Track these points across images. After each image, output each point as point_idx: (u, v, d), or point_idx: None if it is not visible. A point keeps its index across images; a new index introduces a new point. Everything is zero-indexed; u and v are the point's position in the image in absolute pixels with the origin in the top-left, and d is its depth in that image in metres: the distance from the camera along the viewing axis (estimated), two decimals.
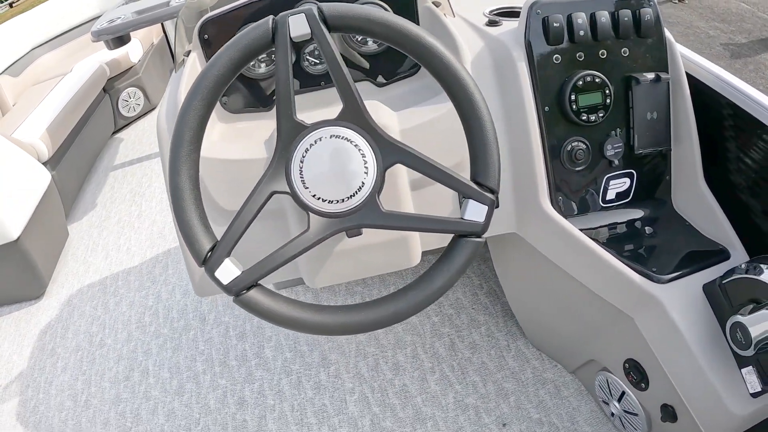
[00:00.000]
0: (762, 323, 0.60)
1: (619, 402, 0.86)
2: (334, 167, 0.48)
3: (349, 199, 0.48)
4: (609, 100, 0.73)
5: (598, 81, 0.72)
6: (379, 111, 0.66)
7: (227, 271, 0.49)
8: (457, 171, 0.50)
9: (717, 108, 0.77)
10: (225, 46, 0.49)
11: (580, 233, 0.72)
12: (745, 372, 0.65)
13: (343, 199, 0.48)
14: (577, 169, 0.75)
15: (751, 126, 0.72)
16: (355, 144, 0.48)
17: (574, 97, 0.72)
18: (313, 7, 0.47)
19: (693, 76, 0.78)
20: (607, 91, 0.73)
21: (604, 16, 0.72)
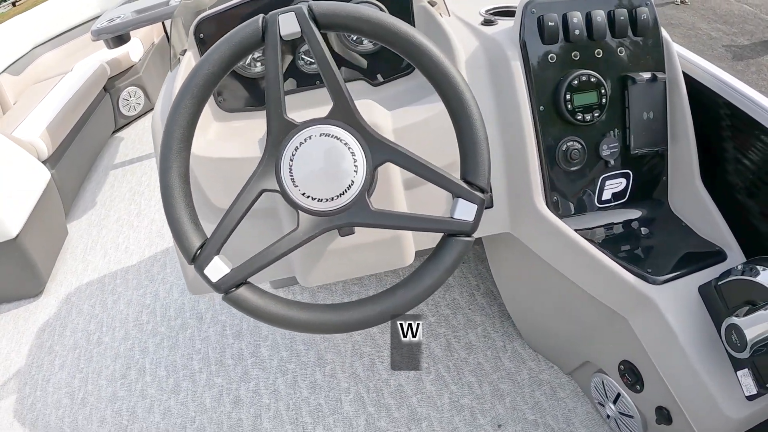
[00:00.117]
0: (757, 325, 0.60)
1: (615, 404, 0.86)
2: (323, 165, 0.48)
3: (338, 197, 0.48)
4: (605, 100, 0.73)
5: (593, 80, 0.72)
6: (372, 110, 0.65)
7: (216, 269, 0.49)
8: (450, 170, 0.50)
9: (714, 108, 0.76)
10: (215, 44, 0.49)
11: (575, 233, 0.72)
12: (740, 374, 0.64)
13: (333, 198, 0.48)
14: (573, 169, 0.75)
15: (749, 126, 0.72)
16: (344, 142, 0.48)
17: (570, 97, 0.71)
18: (303, 5, 0.47)
19: (690, 76, 0.78)
20: (603, 90, 0.72)
21: (599, 15, 0.71)
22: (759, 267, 0.63)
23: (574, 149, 0.73)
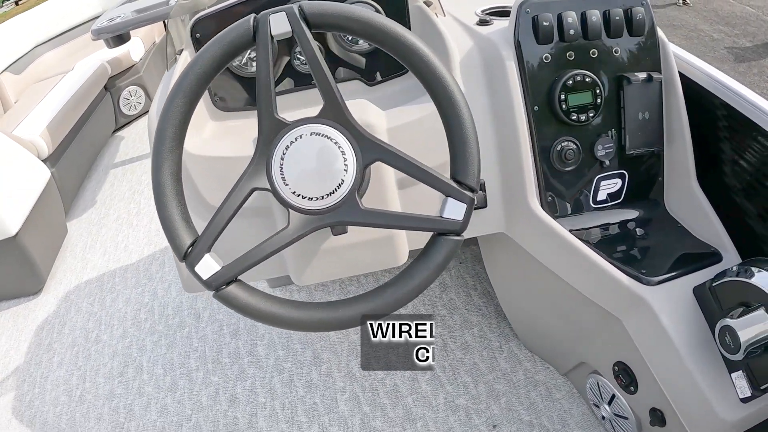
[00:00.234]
0: (751, 327, 0.59)
1: (610, 405, 0.85)
2: (314, 164, 0.48)
3: (328, 196, 0.48)
4: (600, 100, 0.73)
5: (588, 80, 0.71)
6: (366, 110, 0.66)
7: (207, 266, 0.49)
8: (443, 169, 0.50)
9: (710, 108, 0.76)
10: (207, 44, 0.49)
11: (568, 234, 0.72)
12: (734, 376, 0.64)
13: (323, 196, 0.48)
14: (567, 169, 0.74)
15: (745, 127, 0.72)
16: (335, 141, 0.48)
17: (564, 97, 0.71)
18: (294, 5, 0.47)
19: (686, 76, 0.78)
20: (598, 90, 0.72)
21: (594, 15, 0.71)
22: (753, 268, 0.63)
23: (568, 149, 0.73)
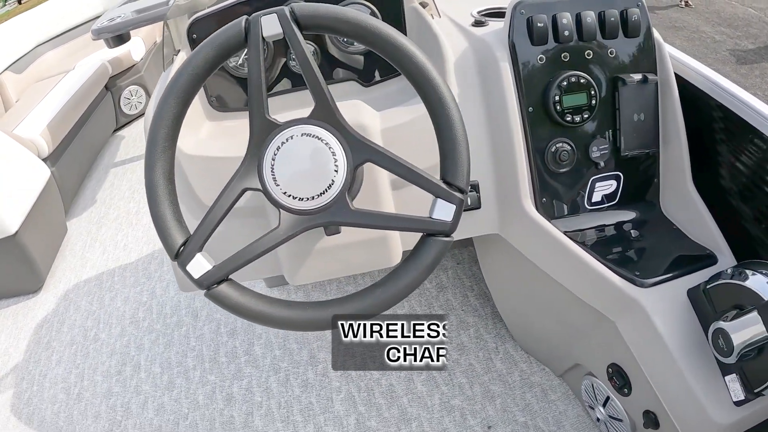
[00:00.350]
0: (744, 330, 0.59)
1: (604, 407, 0.85)
2: (304, 165, 0.49)
3: (319, 196, 0.48)
4: (595, 101, 0.72)
5: (583, 81, 0.71)
6: (360, 111, 0.66)
7: (198, 266, 0.50)
8: (436, 171, 0.50)
9: (706, 110, 0.76)
10: (200, 45, 0.50)
11: (562, 235, 0.72)
12: (728, 380, 0.64)
13: (313, 197, 0.49)
14: (562, 170, 0.74)
15: (741, 129, 0.71)
16: (325, 142, 0.48)
17: (559, 98, 0.71)
18: (286, 7, 0.47)
19: (683, 78, 0.78)
20: (593, 91, 0.72)
21: (589, 16, 0.71)
22: (748, 271, 0.63)
23: (563, 150, 0.73)
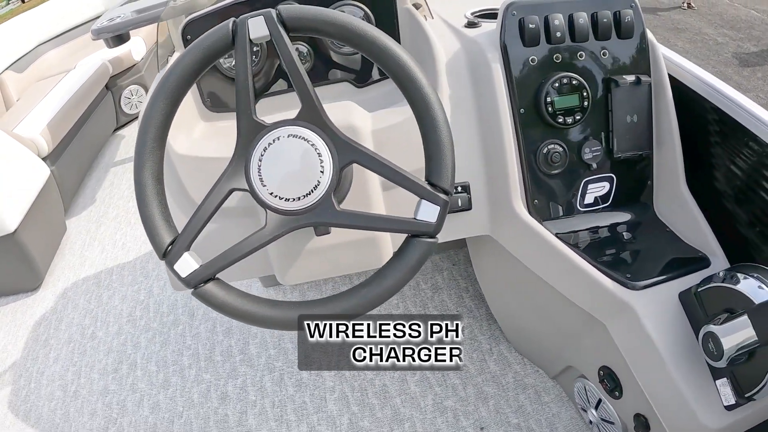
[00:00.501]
0: (734, 334, 0.58)
1: (596, 410, 0.85)
2: (290, 166, 0.49)
3: (305, 197, 0.49)
4: (587, 103, 0.72)
5: (575, 83, 0.71)
6: (352, 112, 0.66)
7: (186, 265, 0.50)
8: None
9: (701, 112, 0.76)
10: (188, 47, 0.50)
11: (553, 237, 0.72)
12: (719, 384, 0.63)
13: (299, 197, 0.49)
14: (554, 172, 0.74)
15: (736, 131, 0.71)
16: (311, 143, 0.48)
17: (550, 99, 0.71)
18: (272, 9, 0.48)
19: (677, 80, 0.77)
20: (585, 93, 0.72)
21: (582, 17, 0.71)
22: (740, 275, 0.62)
23: (555, 152, 0.73)
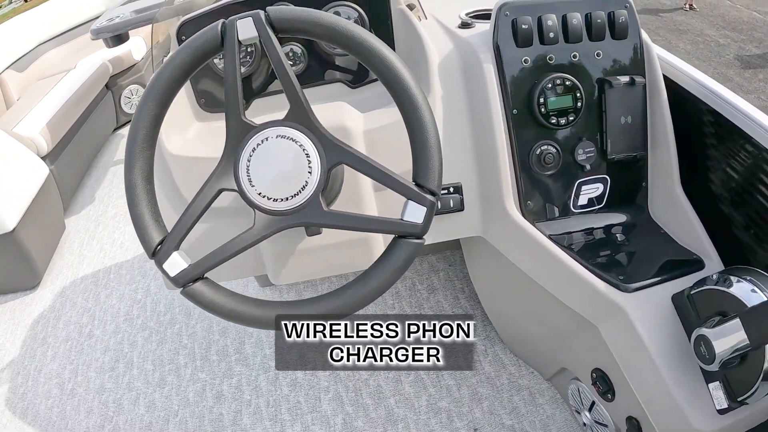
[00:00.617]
0: (726, 337, 0.58)
1: (590, 412, 0.85)
2: (279, 166, 0.49)
3: (293, 197, 0.49)
4: (580, 104, 0.72)
5: (568, 84, 0.71)
6: (344, 112, 0.66)
7: (175, 264, 0.50)
8: None
9: (696, 113, 0.75)
10: (177, 49, 0.50)
11: (545, 238, 0.71)
12: (712, 387, 0.63)
13: (287, 198, 0.49)
14: (547, 173, 0.74)
15: (731, 132, 0.71)
16: (300, 144, 0.49)
17: (543, 100, 0.71)
18: (261, 11, 0.48)
19: (672, 81, 0.77)
20: (578, 94, 0.72)
21: (576, 18, 0.71)
22: (733, 277, 0.62)
23: (548, 153, 0.73)
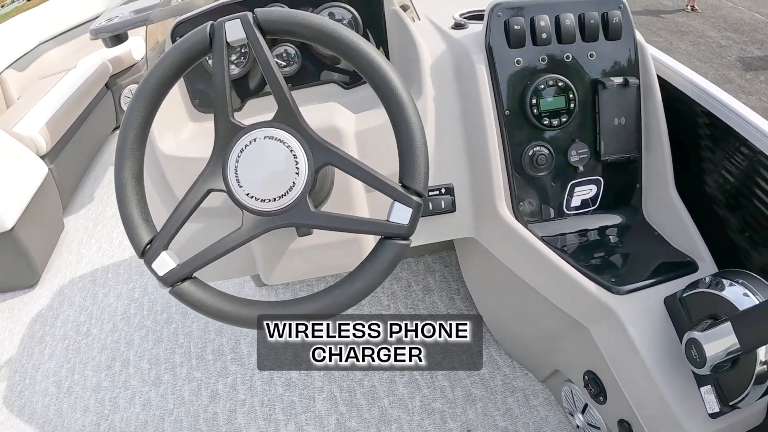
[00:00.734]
0: (717, 341, 0.57)
1: (583, 414, 0.84)
2: (267, 167, 0.49)
3: (280, 198, 0.49)
4: (573, 105, 0.72)
5: (561, 85, 0.71)
6: (335, 113, 0.66)
7: (163, 264, 0.51)
8: None
9: (690, 114, 0.75)
10: (167, 51, 0.50)
11: (536, 240, 0.71)
12: (703, 391, 0.63)
13: (275, 198, 0.49)
14: (539, 174, 0.74)
15: (726, 135, 0.70)
16: (287, 145, 0.49)
17: (536, 101, 0.71)
18: (249, 13, 0.48)
19: (667, 82, 0.77)
20: (572, 95, 0.71)
21: (569, 18, 0.71)
22: (725, 281, 0.62)
23: (540, 155, 0.72)
